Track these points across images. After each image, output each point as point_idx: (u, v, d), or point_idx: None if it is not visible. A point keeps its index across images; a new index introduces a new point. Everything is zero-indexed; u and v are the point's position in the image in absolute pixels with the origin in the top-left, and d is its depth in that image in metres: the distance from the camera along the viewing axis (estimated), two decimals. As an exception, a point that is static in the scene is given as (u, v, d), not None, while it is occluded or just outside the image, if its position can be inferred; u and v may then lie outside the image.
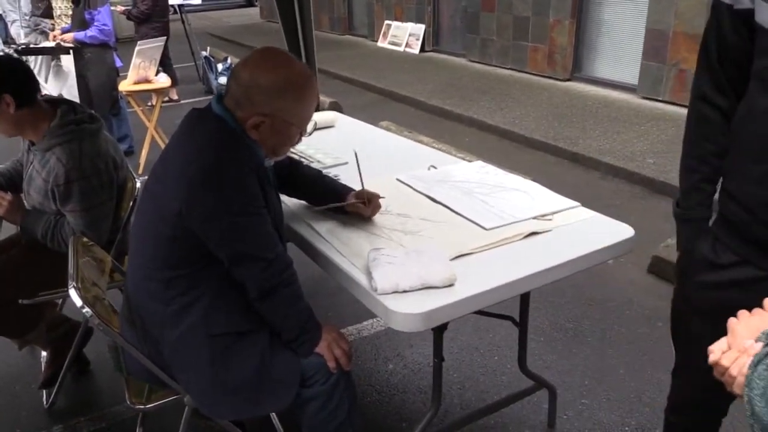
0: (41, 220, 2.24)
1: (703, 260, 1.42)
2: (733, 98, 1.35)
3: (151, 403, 1.81)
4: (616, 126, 5.79)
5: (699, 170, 1.44)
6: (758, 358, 0.91)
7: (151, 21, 7.06)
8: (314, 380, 1.67)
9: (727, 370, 0.99)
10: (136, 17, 7.05)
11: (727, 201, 1.37)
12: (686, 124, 1.48)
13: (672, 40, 6.15)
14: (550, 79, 7.68)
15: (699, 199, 1.45)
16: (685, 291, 1.51)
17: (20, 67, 2.20)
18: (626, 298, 3.22)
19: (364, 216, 1.89)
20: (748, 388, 0.90)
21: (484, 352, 2.83)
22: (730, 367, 0.99)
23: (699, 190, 1.44)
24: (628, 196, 4.54)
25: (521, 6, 7.97)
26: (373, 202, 1.89)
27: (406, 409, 2.49)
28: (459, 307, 1.50)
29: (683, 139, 1.50)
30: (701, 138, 1.43)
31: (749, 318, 1.04)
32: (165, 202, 1.54)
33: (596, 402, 2.50)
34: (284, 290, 1.60)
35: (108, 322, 1.68)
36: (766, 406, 0.85)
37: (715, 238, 1.40)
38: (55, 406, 2.55)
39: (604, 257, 1.75)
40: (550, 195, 2.04)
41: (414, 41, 10.21)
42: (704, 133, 1.42)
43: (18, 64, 2.23)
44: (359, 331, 3.01)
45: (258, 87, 1.57)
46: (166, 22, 7.18)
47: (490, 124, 6.19)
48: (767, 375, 0.87)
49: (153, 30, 6.96)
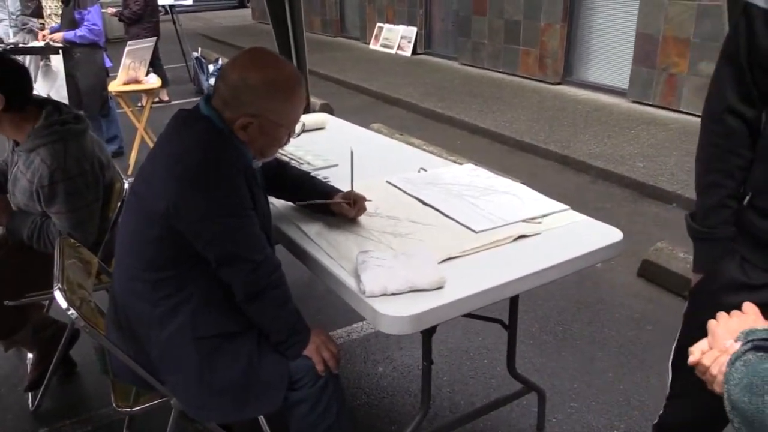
0: (27, 222, 2.22)
1: (731, 282, 1.35)
2: (760, 107, 1.30)
3: (137, 406, 1.79)
4: (607, 130, 5.81)
5: (725, 185, 1.36)
6: (736, 356, 0.96)
7: (143, 21, 7.03)
8: (302, 383, 1.66)
9: (708, 369, 1.04)
10: (128, 18, 7.00)
11: (756, 218, 1.31)
12: (705, 137, 1.41)
13: (662, 44, 6.19)
14: (541, 82, 7.71)
15: (724, 216, 1.37)
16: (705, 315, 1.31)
17: (20, 70, 2.17)
18: (615, 301, 3.23)
19: (348, 217, 1.89)
20: (726, 384, 0.94)
21: (473, 354, 2.82)
22: (710, 366, 1.03)
23: (725, 207, 1.37)
24: (618, 199, 4.56)
25: (513, 10, 8.00)
26: (359, 204, 1.89)
27: (396, 411, 2.48)
28: (447, 310, 1.49)
29: (700, 155, 1.42)
30: (727, 151, 1.35)
31: (728, 320, 1.09)
32: (152, 203, 1.52)
33: (585, 405, 2.50)
34: (272, 292, 1.59)
35: (94, 324, 1.66)
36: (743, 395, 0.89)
37: (743, 257, 1.34)
38: (41, 408, 2.52)
39: (593, 261, 1.75)
40: (540, 198, 2.04)
41: (406, 44, 10.23)
42: (730, 147, 1.35)
43: (19, 66, 2.20)
44: (349, 333, 3.00)
45: (246, 88, 1.56)
46: (156, 23, 7.15)
47: (481, 127, 6.20)
48: (744, 369, 0.92)
49: (144, 30, 6.93)
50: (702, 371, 1.06)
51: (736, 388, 0.92)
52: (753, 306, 1.11)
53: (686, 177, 4.58)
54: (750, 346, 0.97)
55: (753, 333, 1.00)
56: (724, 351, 1.02)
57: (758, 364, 0.92)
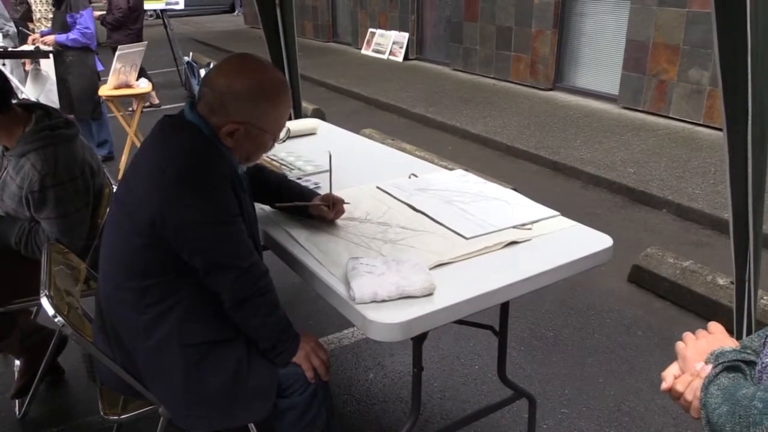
0: (15, 227, 2.20)
1: None
2: None
3: (125, 413, 1.78)
4: (597, 135, 5.84)
5: None
6: (708, 380, 0.97)
7: (124, 29, 6.93)
8: (292, 390, 1.65)
9: (682, 394, 1.04)
10: (110, 24, 6.90)
11: None
12: None
13: (652, 51, 6.23)
14: (533, 88, 7.74)
15: None
16: None
17: None
18: (606, 306, 3.24)
19: (327, 219, 1.90)
20: (704, 410, 0.95)
21: (464, 360, 2.82)
22: (684, 391, 1.03)
23: None
24: (608, 205, 4.57)
25: (504, 16, 8.03)
26: (337, 207, 1.90)
27: (386, 418, 2.47)
28: (438, 317, 1.49)
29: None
30: None
31: (696, 342, 1.09)
32: (137, 211, 1.51)
33: (576, 411, 2.50)
34: (259, 299, 1.58)
35: (81, 331, 1.64)
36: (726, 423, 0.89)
37: None
38: (27, 416, 2.49)
39: (583, 267, 1.75)
40: (530, 204, 2.04)
41: (398, 49, 10.25)
42: None
43: None
44: (339, 339, 2.99)
45: (233, 94, 1.55)
46: (140, 29, 7.07)
47: (473, 133, 6.22)
48: (719, 394, 0.92)
49: (126, 37, 6.87)
50: (676, 396, 1.06)
51: (715, 415, 0.92)
52: (718, 325, 1.12)
53: (676, 183, 4.61)
54: (721, 368, 0.98)
55: (723, 354, 1.01)
56: (696, 375, 1.03)
57: (735, 389, 0.93)
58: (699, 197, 4.34)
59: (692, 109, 5.97)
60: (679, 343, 1.11)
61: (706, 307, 3.06)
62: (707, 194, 4.38)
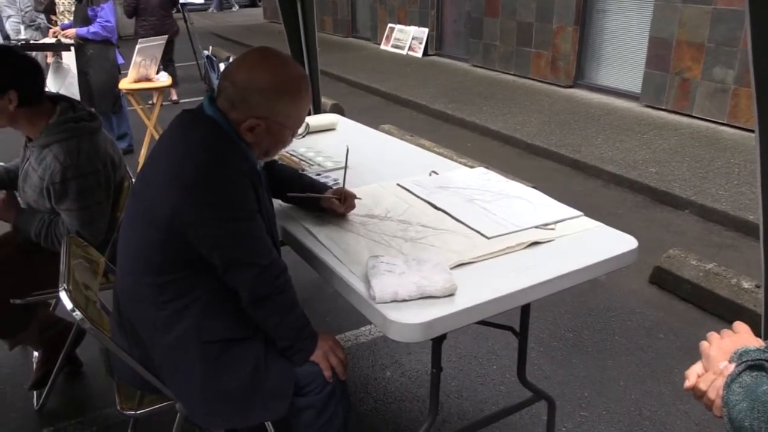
0: (35, 219, 2.21)
1: None
2: None
3: (142, 408, 1.77)
4: (619, 134, 5.76)
5: None
6: (731, 378, 0.97)
7: (138, 19, 7.13)
8: (309, 389, 1.64)
9: (705, 393, 1.04)
10: (126, 13, 7.21)
11: None
12: None
13: (676, 48, 6.13)
14: (553, 85, 7.66)
15: None
16: None
17: (33, 67, 2.17)
18: (627, 308, 3.19)
19: (338, 212, 1.90)
20: (726, 408, 0.94)
21: (483, 361, 2.79)
22: (707, 390, 1.03)
23: None
24: (630, 205, 4.51)
25: (525, 12, 7.95)
26: (348, 201, 1.90)
27: (403, 417, 2.45)
28: (458, 318, 1.46)
29: None
30: None
31: (721, 341, 1.10)
32: (155, 207, 1.50)
33: (595, 414, 2.46)
34: (278, 297, 1.56)
35: (99, 325, 1.63)
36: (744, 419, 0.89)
37: None
38: (45, 407, 2.51)
39: (607, 268, 1.72)
40: (553, 204, 2.00)
41: (417, 45, 10.20)
42: None
43: (32, 63, 2.19)
44: (357, 337, 2.97)
45: (254, 89, 1.53)
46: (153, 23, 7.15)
47: (492, 130, 6.16)
48: (741, 392, 0.93)
49: (141, 28, 7.02)
50: (699, 395, 1.06)
51: (735, 411, 0.92)
52: (744, 325, 1.12)
53: (699, 183, 4.53)
54: (744, 367, 0.98)
55: (746, 353, 1.00)
56: (719, 373, 1.03)
57: (756, 386, 0.92)
58: (723, 198, 4.26)
59: (716, 108, 5.87)
60: (703, 343, 1.11)
61: (730, 311, 3.00)
62: (731, 195, 4.30)
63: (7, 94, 2.05)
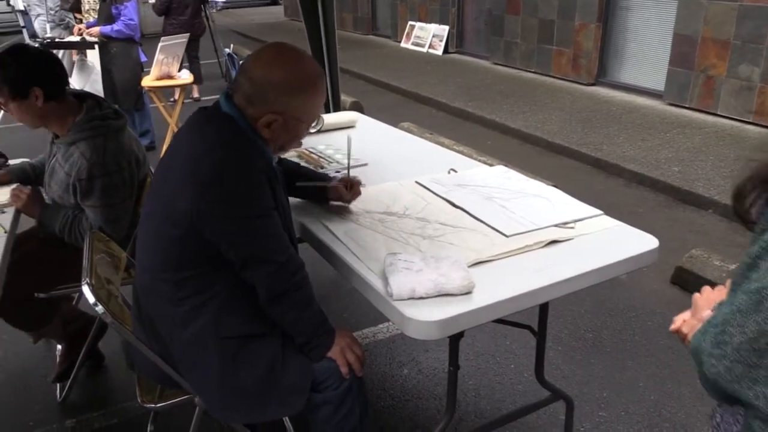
0: (59, 215, 2.24)
1: None
2: None
3: (162, 402, 1.79)
4: (641, 132, 5.69)
5: None
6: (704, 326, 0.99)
7: (169, 17, 7.23)
8: (326, 385, 1.64)
9: (686, 336, 1.12)
10: (157, 11, 7.28)
11: None
12: None
13: (700, 45, 6.04)
14: (575, 83, 7.60)
15: None
16: None
17: (52, 60, 2.20)
18: (648, 308, 3.15)
19: (344, 200, 1.94)
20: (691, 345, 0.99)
21: (500, 359, 2.78)
22: (688, 333, 1.12)
23: None
24: (651, 204, 4.46)
25: (547, 9, 7.89)
26: (354, 188, 1.93)
27: (420, 415, 2.45)
28: (476, 316, 1.46)
29: None
30: None
31: (711, 293, 1.17)
32: (173, 203, 1.51)
33: (614, 415, 2.44)
34: (295, 293, 1.57)
35: (121, 319, 1.66)
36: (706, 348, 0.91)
37: None
38: (68, 400, 2.55)
39: (626, 268, 1.70)
40: (573, 202, 1.99)
41: (437, 42, 10.17)
42: None
43: (50, 56, 2.23)
44: (374, 334, 2.98)
45: (272, 85, 1.54)
46: (184, 21, 7.24)
47: (512, 128, 6.13)
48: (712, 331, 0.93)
49: (170, 26, 7.12)
50: (682, 338, 1.14)
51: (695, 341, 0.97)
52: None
53: (723, 182, 4.46)
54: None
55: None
56: (701, 320, 1.07)
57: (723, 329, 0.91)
58: (747, 198, 4.19)
59: (741, 106, 5.77)
60: (695, 294, 1.18)
61: (754, 312, 2.95)
62: (756, 195, 4.22)
63: (32, 92, 2.08)
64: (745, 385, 0.81)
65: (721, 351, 0.83)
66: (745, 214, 0.91)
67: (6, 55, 2.10)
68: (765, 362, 0.79)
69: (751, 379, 0.80)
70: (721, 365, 0.83)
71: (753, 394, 0.81)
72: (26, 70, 2.10)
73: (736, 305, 0.84)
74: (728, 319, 0.84)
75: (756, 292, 0.79)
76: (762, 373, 0.79)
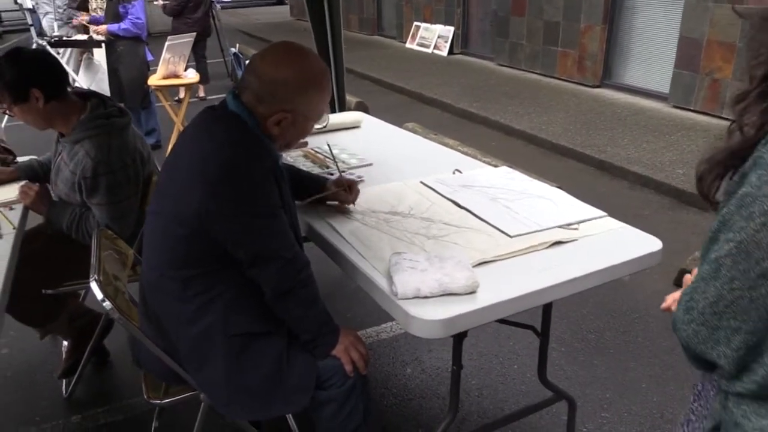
0: (66, 212, 2.26)
1: None
2: None
3: (168, 398, 1.81)
4: (646, 135, 5.69)
5: None
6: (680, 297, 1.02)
7: (182, 17, 7.22)
8: (330, 383, 1.66)
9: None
10: (169, 11, 7.26)
11: None
12: None
13: (706, 48, 6.04)
14: (580, 85, 7.60)
15: None
16: None
17: (47, 60, 2.22)
18: (651, 310, 3.16)
19: (347, 203, 1.94)
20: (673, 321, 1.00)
21: (503, 359, 2.79)
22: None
23: None
24: (656, 206, 4.46)
25: (552, 11, 7.89)
26: (353, 189, 1.94)
27: (423, 414, 2.47)
28: (480, 316, 1.47)
29: None
30: None
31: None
32: (180, 202, 1.52)
33: (617, 416, 2.45)
34: (301, 291, 1.59)
35: (128, 316, 1.68)
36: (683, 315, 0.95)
37: None
38: (74, 396, 2.57)
39: (630, 269, 1.71)
40: (577, 204, 2.00)
41: (442, 43, 10.18)
42: None
43: (45, 56, 2.25)
44: (378, 333, 2.99)
45: (282, 83, 1.55)
46: (199, 19, 7.28)
47: (517, 129, 6.14)
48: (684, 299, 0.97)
49: (183, 25, 7.12)
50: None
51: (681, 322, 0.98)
52: None
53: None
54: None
55: None
56: None
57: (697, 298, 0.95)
58: (752, 201, 4.19)
59: (747, 109, 5.76)
60: (687, 275, 1.18)
61: (757, 315, 2.95)
62: (760, 198, 4.22)
63: (32, 94, 2.10)
64: (710, 346, 0.88)
65: (690, 316, 0.89)
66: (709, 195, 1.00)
67: (1, 60, 2.11)
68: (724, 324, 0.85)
69: (713, 340, 0.87)
70: (690, 329, 0.90)
71: (716, 354, 0.87)
72: (23, 73, 2.10)
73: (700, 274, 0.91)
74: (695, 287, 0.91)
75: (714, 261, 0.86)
76: (722, 334, 0.86)
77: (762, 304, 0.82)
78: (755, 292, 0.82)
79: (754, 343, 0.84)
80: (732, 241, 0.85)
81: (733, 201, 0.88)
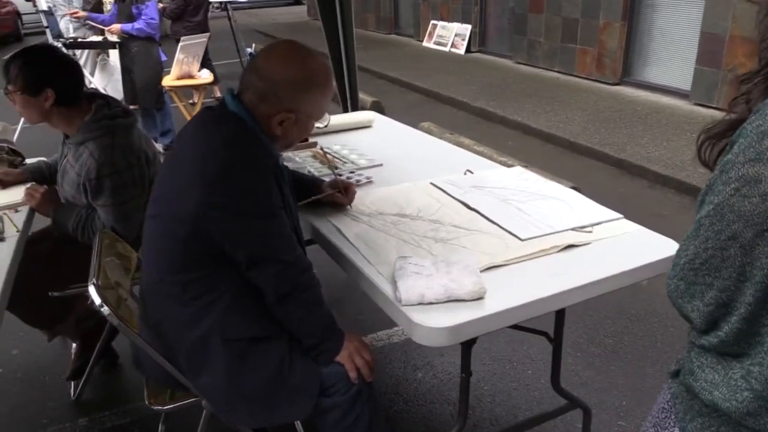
0: (72, 214, 2.24)
1: None
2: None
3: (170, 404, 1.78)
4: (666, 133, 5.58)
5: None
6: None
7: (183, 20, 7.19)
8: (334, 390, 1.61)
9: None
10: (168, 15, 7.22)
11: None
12: None
13: (728, 44, 5.90)
14: (599, 82, 7.48)
15: None
16: None
17: (75, 71, 2.22)
18: (670, 314, 3.06)
19: (343, 205, 1.92)
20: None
21: (517, 364, 2.72)
22: None
23: None
24: (676, 206, 4.35)
25: (570, 7, 7.78)
26: (350, 190, 1.92)
27: (434, 420, 2.41)
28: (487, 323, 1.41)
29: None
30: None
31: None
32: (179, 203, 1.49)
33: (634, 424, 2.37)
34: (302, 294, 1.54)
35: (129, 322, 1.65)
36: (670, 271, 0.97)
37: None
38: (81, 398, 2.56)
39: (646, 274, 1.64)
40: (591, 205, 1.93)
41: (460, 42, 10.10)
42: None
43: (75, 67, 2.24)
44: (389, 336, 2.94)
45: (286, 82, 1.53)
46: (200, 22, 7.25)
47: (535, 128, 6.05)
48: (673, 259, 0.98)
49: (184, 29, 7.10)
50: None
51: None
52: None
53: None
54: None
55: None
56: None
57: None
58: (776, 201, 4.07)
59: (771, 106, 5.62)
60: None
61: (781, 319, 2.86)
62: (785, 198, 4.10)
63: (44, 92, 2.09)
64: (686, 300, 0.93)
65: (673, 271, 0.95)
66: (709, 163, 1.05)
67: (34, 49, 2.14)
68: (699, 280, 0.90)
69: (689, 294, 0.93)
70: (672, 283, 0.95)
71: (690, 308, 0.93)
72: (49, 70, 2.11)
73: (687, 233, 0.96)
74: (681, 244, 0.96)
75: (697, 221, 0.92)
76: (697, 289, 0.91)
77: (731, 264, 0.87)
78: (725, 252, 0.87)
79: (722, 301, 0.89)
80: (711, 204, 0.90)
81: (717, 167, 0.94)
